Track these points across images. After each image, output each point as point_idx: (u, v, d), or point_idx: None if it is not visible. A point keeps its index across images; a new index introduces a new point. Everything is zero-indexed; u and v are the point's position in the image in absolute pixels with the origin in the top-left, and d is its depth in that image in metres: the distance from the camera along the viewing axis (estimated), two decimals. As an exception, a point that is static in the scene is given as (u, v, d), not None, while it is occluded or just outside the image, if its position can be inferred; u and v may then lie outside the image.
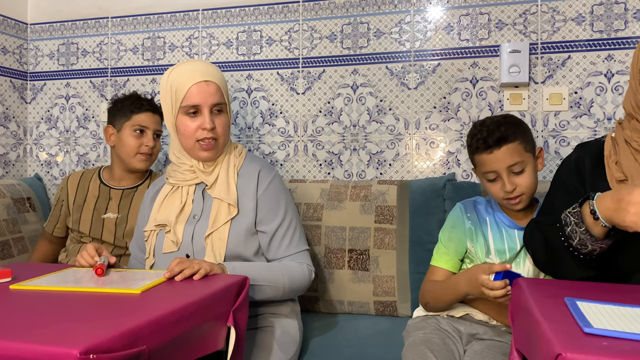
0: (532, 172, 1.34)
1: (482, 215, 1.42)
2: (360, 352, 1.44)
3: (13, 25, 2.37)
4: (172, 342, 0.89)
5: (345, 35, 2.09)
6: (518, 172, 1.32)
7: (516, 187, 1.32)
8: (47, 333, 0.78)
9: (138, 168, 1.83)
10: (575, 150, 1.30)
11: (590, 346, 0.71)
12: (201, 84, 1.37)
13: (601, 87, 1.85)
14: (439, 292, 1.37)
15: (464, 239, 1.40)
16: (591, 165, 1.23)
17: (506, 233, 1.38)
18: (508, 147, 1.31)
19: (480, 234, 1.39)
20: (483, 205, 1.45)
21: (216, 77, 1.41)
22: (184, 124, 1.39)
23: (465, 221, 1.41)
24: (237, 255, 1.37)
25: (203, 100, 1.37)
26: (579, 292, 0.98)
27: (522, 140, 1.34)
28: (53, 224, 1.92)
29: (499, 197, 1.36)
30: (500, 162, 1.31)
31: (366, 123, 2.06)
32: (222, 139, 1.42)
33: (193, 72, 1.39)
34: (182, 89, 1.38)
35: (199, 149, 1.40)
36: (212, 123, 1.38)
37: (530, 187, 1.34)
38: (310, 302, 1.78)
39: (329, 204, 1.84)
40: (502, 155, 1.31)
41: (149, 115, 1.82)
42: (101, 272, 1.16)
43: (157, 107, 1.85)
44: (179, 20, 2.26)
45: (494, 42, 1.94)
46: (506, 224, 1.39)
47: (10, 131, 2.37)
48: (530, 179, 1.34)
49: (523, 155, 1.33)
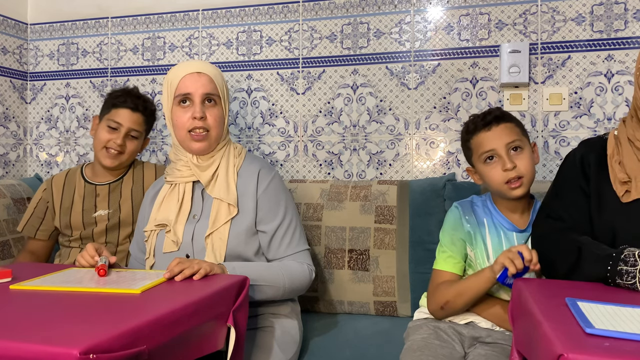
0: (530, 156, 1.33)
1: (480, 217, 1.39)
2: (360, 352, 1.44)
3: (13, 25, 2.37)
4: (172, 342, 0.89)
5: (345, 36, 2.09)
6: (516, 151, 1.32)
7: (516, 166, 1.30)
8: (47, 333, 0.78)
9: (103, 164, 1.75)
10: (579, 147, 1.28)
11: (592, 347, 0.70)
12: (193, 75, 1.41)
13: (601, 87, 1.85)
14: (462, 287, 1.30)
15: (464, 242, 1.38)
16: (596, 165, 1.22)
17: (504, 236, 1.35)
18: (506, 125, 1.33)
19: (480, 237, 1.36)
20: (480, 205, 1.41)
21: (209, 70, 1.43)
22: (176, 115, 1.42)
23: (464, 224, 1.38)
24: (237, 255, 1.37)
25: (194, 89, 1.40)
26: (580, 292, 0.98)
27: (518, 124, 1.36)
28: (35, 227, 1.82)
29: (499, 181, 1.32)
30: (499, 140, 1.32)
31: (366, 123, 2.06)
32: (215, 131, 1.42)
33: (187, 66, 1.44)
34: (175, 80, 1.42)
35: (190, 139, 1.41)
36: (203, 113, 1.39)
37: (529, 170, 1.32)
38: (310, 302, 1.78)
39: (329, 204, 1.84)
40: (501, 131, 1.32)
41: (127, 112, 1.73)
42: (104, 272, 1.16)
43: (144, 107, 1.77)
44: (179, 21, 2.26)
45: (494, 42, 1.94)
46: (505, 226, 1.36)
47: (10, 131, 2.37)
48: (529, 162, 1.32)
49: (520, 136, 1.34)
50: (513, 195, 1.32)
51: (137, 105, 1.75)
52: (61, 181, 1.84)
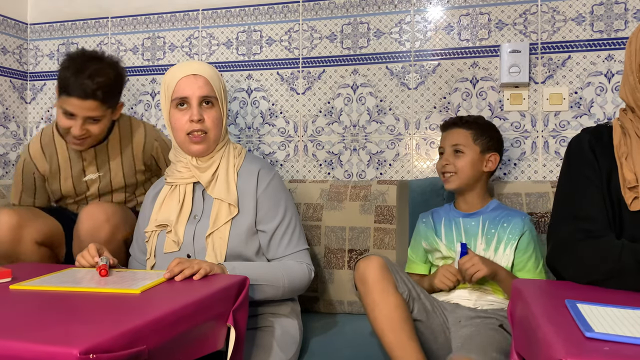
0: (469, 161, 1.56)
1: (438, 217, 1.61)
2: (360, 352, 1.44)
3: (13, 25, 2.37)
4: (172, 342, 0.89)
5: (345, 35, 2.09)
6: (457, 153, 1.57)
7: (450, 164, 1.56)
8: (47, 333, 0.78)
9: (74, 148, 1.64)
10: (583, 136, 1.20)
11: (592, 351, 0.70)
12: (189, 77, 1.40)
13: (601, 87, 1.85)
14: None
15: (420, 243, 1.60)
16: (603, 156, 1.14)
17: (454, 222, 1.57)
18: (458, 130, 1.59)
19: (432, 230, 1.58)
20: (441, 210, 1.63)
21: (206, 72, 1.42)
22: (175, 118, 1.41)
23: (421, 225, 1.62)
24: (238, 255, 1.37)
25: (191, 92, 1.39)
26: (580, 293, 0.97)
27: (476, 133, 1.58)
28: (31, 198, 1.73)
29: (439, 170, 1.61)
30: (447, 140, 1.60)
31: (366, 123, 2.06)
32: (213, 132, 1.42)
33: (183, 67, 1.43)
34: (172, 83, 1.41)
35: (189, 142, 1.41)
36: (200, 115, 1.39)
37: (465, 169, 1.55)
38: (310, 302, 1.78)
39: (328, 204, 1.84)
40: (452, 134, 1.60)
41: (76, 101, 1.53)
42: (105, 272, 1.16)
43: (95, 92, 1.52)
44: (178, 20, 2.26)
45: (494, 42, 1.94)
46: (454, 215, 1.58)
47: (10, 131, 2.37)
48: (466, 164, 1.56)
49: (467, 143, 1.57)
50: (446, 187, 1.59)
51: (86, 91, 1.51)
52: (37, 147, 1.71)
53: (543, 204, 1.68)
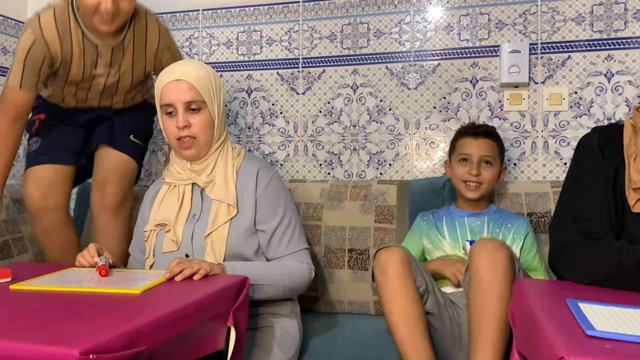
0: (495, 173, 1.59)
1: (439, 216, 1.63)
2: (360, 352, 1.44)
3: (13, 26, 2.37)
4: (172, 342, 0.89)
5: (345, 36, 2.09)
6: (487, 164, 1.58)
7: (480, 175, 1.56)
8: (47, 333, 0.78)
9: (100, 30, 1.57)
10: (593, 135, 1.19)
11: (593, 349, 0.70)
12: (172, 83, 1.38)
13: (601, 87, 1.85)
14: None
15: (420, 239, 1.61)
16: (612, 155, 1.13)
17: (458, 222, 1.59)
18: (489, 141, 1.60)
19: (434, 228, 1.60)
20: (441, 210, 1.66)
21: (191, 75, 1.38)
22: (165, 124, 1.42)
23: (421, 223, 1.63)
24: (237, 255, 1.37)
25: (176, 98, 1.38)
26: (581, 293, 0.98)
27: (499, 146, 1.63)
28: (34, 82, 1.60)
29: (461, 177, 1.59)
30: (477, 149, 1.58)
31: (366, 123, 2.06)
32: (202, 136, 1.40)
33: (169, 72, 1.41)
34: (159, 90, 1.41)
35: (179, 147, 1.41)
36: (186, 121, 1.38)
37: (491, 181, 1.58)
38: (310, 302, 1.78)
39: (329, 203, 1.84)
40: (483, 144, 1.59)
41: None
42: (105, 272, 1.16)
43: None
44: (178, 20, 2.26)
45: (494, 42, 1.94)
46: (459, 214, 1.61)
47: (9, 131, 2.36)
48: (493, 176, 1.59)
49: (495, 156, 1.60)
50: (468, 196, 1.58)
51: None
52: (54, 33, 1.59)
53: (543, 204, 1.68)
